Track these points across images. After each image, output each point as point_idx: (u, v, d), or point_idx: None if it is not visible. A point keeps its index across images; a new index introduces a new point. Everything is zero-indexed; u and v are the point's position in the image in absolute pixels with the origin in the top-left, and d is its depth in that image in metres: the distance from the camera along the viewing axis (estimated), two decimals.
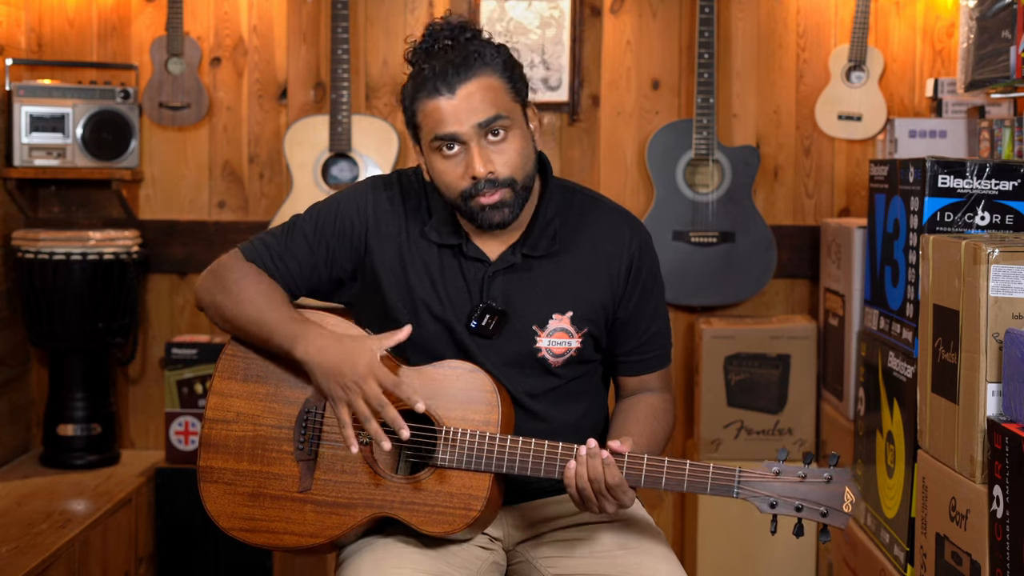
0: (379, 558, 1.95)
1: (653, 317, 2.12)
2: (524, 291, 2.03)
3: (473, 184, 1.93)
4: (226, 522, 2.00)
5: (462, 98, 1.91)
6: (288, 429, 2.01)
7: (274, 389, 2.03)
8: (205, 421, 2.04)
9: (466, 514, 1.92)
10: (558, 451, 1.91)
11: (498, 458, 1.92)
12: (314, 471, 1.98)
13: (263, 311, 2.01)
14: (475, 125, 1.91)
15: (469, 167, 1.92)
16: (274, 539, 1.98)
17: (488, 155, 1.93)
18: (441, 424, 1.94)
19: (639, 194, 3.78)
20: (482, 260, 2.03)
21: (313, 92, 3.76)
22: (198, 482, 2.03)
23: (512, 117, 1.95)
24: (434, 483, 1.93)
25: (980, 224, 2.39)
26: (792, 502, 1.84)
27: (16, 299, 3.56)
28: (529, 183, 1.99)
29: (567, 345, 2.04)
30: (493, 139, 1.93)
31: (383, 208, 2.07)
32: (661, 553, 2.01)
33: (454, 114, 1.91)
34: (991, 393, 2.03)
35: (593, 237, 2.07)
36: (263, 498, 1.99)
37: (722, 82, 3.73)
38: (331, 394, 1.94)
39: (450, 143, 1.93)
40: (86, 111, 3.59)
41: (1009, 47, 2.65)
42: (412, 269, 2.04)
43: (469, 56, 1.93)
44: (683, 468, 1.86)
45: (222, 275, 2.07)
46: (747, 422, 3.55)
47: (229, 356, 2.06)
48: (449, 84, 1.91)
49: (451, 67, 1.91)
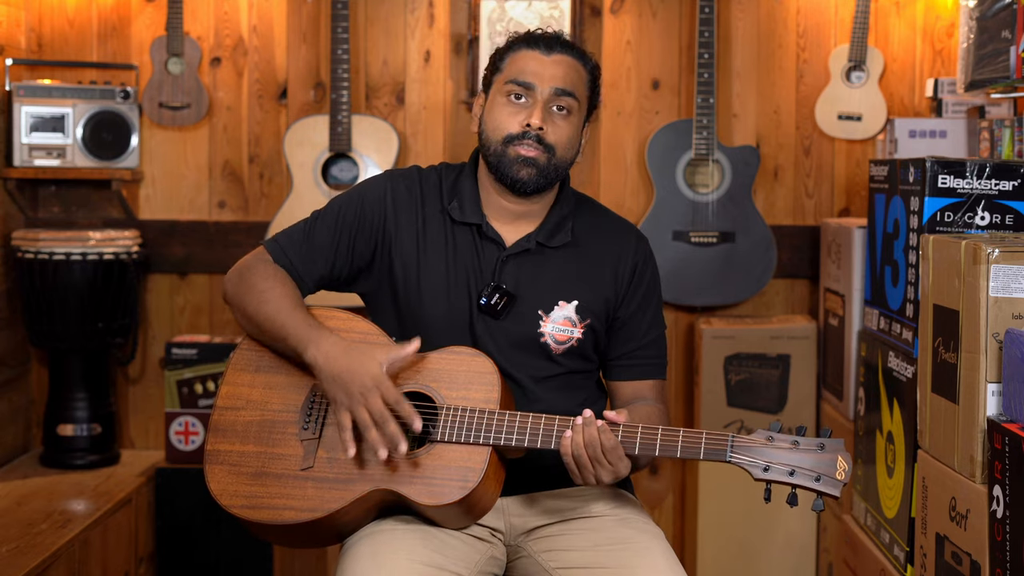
0: (377, 548, 1.97)
1: (651, 324, 2.21)
2: (534, 277, 2.13)
3: (523, 132, 2.07)
4: (227, 500, 2.03)
5: (554, 61, 2.10)
6: (294, 413, 2.06)
7: (284, 379, 2.09)
8: (215, 408, 2.10)
9: (463, 486, 1.94)
10: (555, 423, 1.95)
11: (496, 430, 1.96)
12: (317, 450, 2.01)
13: (281, 311, 2.08)
14: (553, 88, 2.08)
15: (529, 115, 2.07)
16: (274, 515, 1.99)
17: (548, 118, 2.09)
18: (441, 403, 1.99)
19: (639, 194, 3.78)
20: (498, 243, 2.14)
21: (313, 92, 3.76)
22: (203, 465, 2.07)
23: (579, 105, 2.13)
24: (434, 458, 1.97)
25: (980, 224, 2.39)
26: (785, 468, 1.86)
27: (16, 299, 3.56)
28: (562, 168, 2.12)
29: (569, 334, 2.12)
30: (557, 111, 2.10)
31: (401, 196, 2.18)
32: (660, 550, 2.03)
33: (541, 68, 2.09)
34: (991, 393, 2.03)
35: (602, 238, 2.20)
36: (266, 476, 2.02)
37: (722, 82, 3.73)
38: (335, 399, 1.99)
39: (522, 93, 2.09)
40: (86, 111, 3.59)
41: (1009, 47, 2.65)
42: (426, 252, 2.14)
43: (572, 43, 2.17)
44: (676, 434, 1.90)
45: (247, 275, 2.15)
46: (747, 422, 3.56)
47: (244, 350, 2.14)
48: (549, 45, 2.11)
49: (556, 38, 2.14)
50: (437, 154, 3.76)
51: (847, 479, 1.86)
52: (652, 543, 2.04)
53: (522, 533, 2.12)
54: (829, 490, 1.85)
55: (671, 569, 1.98)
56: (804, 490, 1.87)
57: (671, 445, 1.90)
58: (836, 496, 1.86)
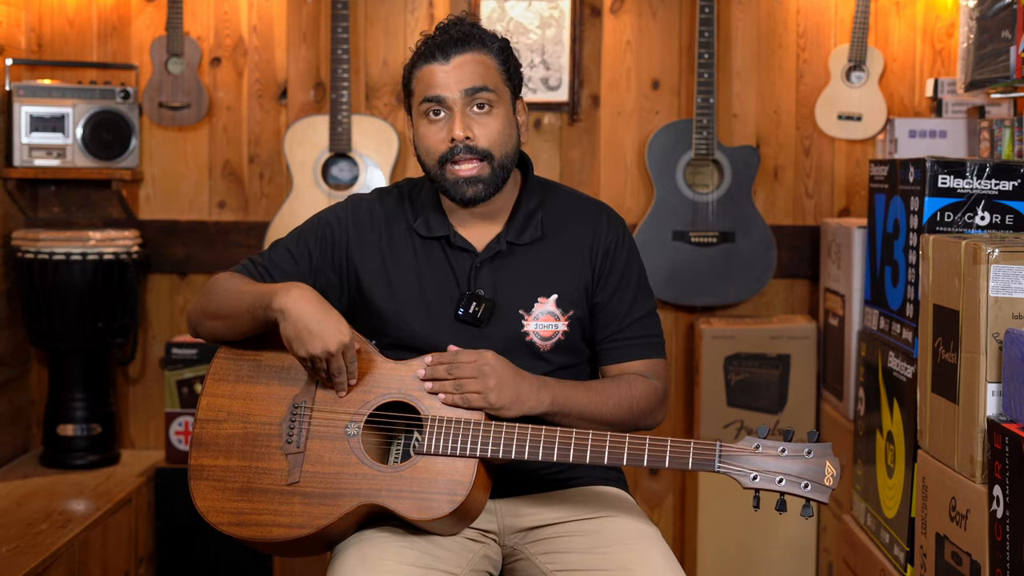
0: (364, 553, 1.96)
1: (632, 304, 2.16)
2: (510, 277, 2.11)
3: (451, 148, 2.03)
4: (215, 517, 2.01)
5: (455, 65, 2.04)
6: (277, 425, 2.03)
7: (264, 389, 2.07)
8: (196, 422, 2.08)
9: (452, 499, 1.93)
10: (541, 433, 1.93)
11: (483, 442, 1.94)
12: (302, 464, 1.99)
13: (241, 286, 2.08)
14: (462, 91, 2.03)
15: (450, 129, 2.03)
16: (262, 532, 1.98)
17: (469, 123, 2.04)
18: (426, 414, 1.97)
19: (639, 194, 3.78)
20: (469, 250, 2.11)
21: (313, 92, 3.76)
22: (188, 480, 2.05)
23: (499, 95, 2.07)
24: (420, 471, 1.95)
25: (980, 224, 2.39)
26: (773, 476, 1.86)
27: (16, 299, 3.56)
28: (507, 164, 2.08)
29: (554, 328, 2.11)
30: (478, 111, 2.05)
31: (363, 218, 2.16)
32: (659, 551, 2.02)
33: (444, 78, 2.03)
34: (991, 393, 2.03)
35: (572, 225, 2.16)
36: (251, 492, 2.00)
37: (722, 82, 3.73)
38: (296, 338, 1.94)
39: (436, 108, 2.04)
40: (86, 111, 3.59)
41: (1009, 47, 2.65)
42: (396, 270, 2.12)
43: (469, 33, 2.07)
44: (664, 444, 1.89)
45: (205, 287, 2.16)
46: (747, 422, 3.55)
47: (221, 359, 2.11)
48: (445, 52, 2.04)
49: (450, 39, 2.05)
50: None
51: (835, 484, 1.85)
52: (651, 544, 2.03)
53: (517, 532, 2.12)
54: (817, 496, 1.85)
55: (670, 570, 1.98)
56: (793, 496, 1.87)
57: (659, 455, 1.89)
58: (824, 502, 1.86)
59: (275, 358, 2.08)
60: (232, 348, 2.11)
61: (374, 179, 3.62)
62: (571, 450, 1.91)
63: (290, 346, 1.96)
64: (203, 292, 2.15)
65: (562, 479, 2.15)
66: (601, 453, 1.90)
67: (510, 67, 2.10)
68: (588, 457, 1.91)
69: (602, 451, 1.90)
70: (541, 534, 2.10)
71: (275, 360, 2.08)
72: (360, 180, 3.64)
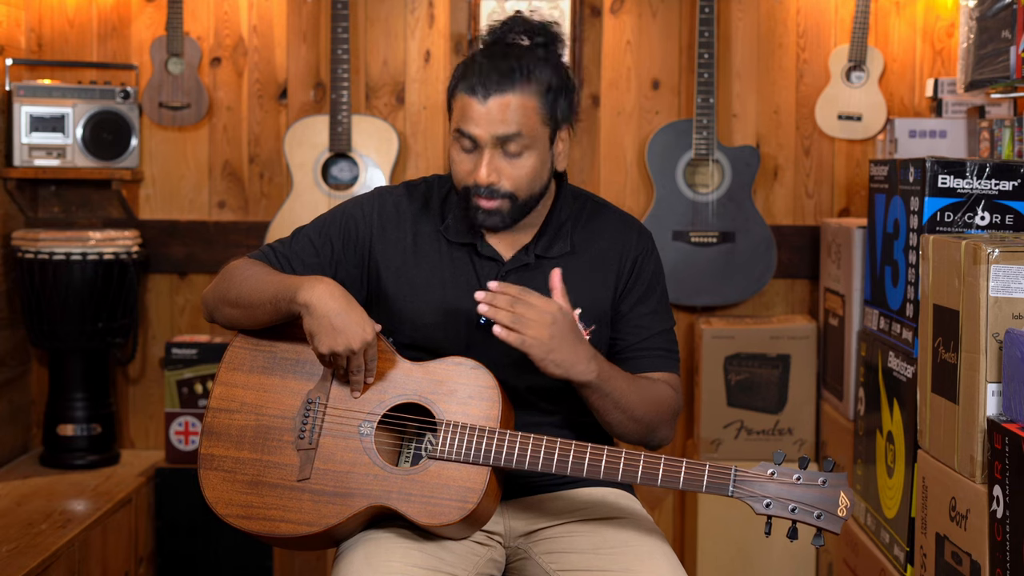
0: (370, 552, 1.96)
1: (654, 317, 2.14)
2: (535, 290, 2.03)
3: (474, 185, 2.00)
4: (223, 509, 2.01)
5: (492, 107, 1.96)
6: (290, 419, 2.02)
7: (279, 380, 2.06)
8: (209, 410, 2.06)
9: (462, 506, 1.92)
10: (556, 446, 1.92)
11: (497, 451, 1.93)
12: (314, 461, 1.99)
13: (263, 274, 2.05)
14: (494, 135, 1.97)
15: (476, 170, 1.99)
16: (270, 527, 1.98)
17: (497, 165, 1.99)
18: (441, 418, 1.96)
19: (639, 194, 3.78)
20: (496, 259, 2.09)
21: (313, 92, 3.76)
22: (198, 469, 2.04)
23: (534, 139, 2.00)
24: (432, 476, 1.94)
25: (980, 224, 2.39)
26: (787, 504, 1.85)
27: (16, 299, 3.56)
28: (532, 201, 2.05)
29: None
30: (509, 155, 1.99)
31: (389, 214, 2.13)
32: (661, 551, 2.02)
33: (478, 118, 1.97)
34: (991, 393, 2.04)
35: (602, 239, 2.14)
36: (261, 486, 2.00)
37: (722, 82, 3.73)
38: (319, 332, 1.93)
39: (468, 144, 2.00)
40: (86, 111, 3.59)
41: (1009, 47, 2.65)
42: (419, 270, 2.10)
43: (516, 69, 1.98)
44: (679, 465, 1.88)
45: (224, 271, 2.13)
46: (747, 422, 3.55)
47: (237, 347, 2.10)
48: (486, 89, 1.96)
49: (495, 73, 1.97)
50: (437, 154, 3.76)
51: (848, 515, 1.84)
52: (654, 546, 2.02)
53: (522, 535, 2.11)
54: (829, 527, 1.84)
55: (674, 572, 1.98)
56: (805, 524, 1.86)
57: (673, 476, 1.87)
58: (836, 532, 1.85)
59: (291, 350, 2.06)
60: (248, 336, 2.10)
61: (374, 179, 3.62)
62: (585, 465, 1.90)
63: (312, 341, 1.94)
64: (222, 277, 2.12)
65: (567, 480, 2.14)
66: (615, 470, 1.89)
67: (555, 105, 2.02)
68: (602, 473, 1.90)
69: (616, 468, 1.89)
70: (545, 534, 2.10)
71: (291, 352, 2.06)
72: (360, 180, 3.64)
